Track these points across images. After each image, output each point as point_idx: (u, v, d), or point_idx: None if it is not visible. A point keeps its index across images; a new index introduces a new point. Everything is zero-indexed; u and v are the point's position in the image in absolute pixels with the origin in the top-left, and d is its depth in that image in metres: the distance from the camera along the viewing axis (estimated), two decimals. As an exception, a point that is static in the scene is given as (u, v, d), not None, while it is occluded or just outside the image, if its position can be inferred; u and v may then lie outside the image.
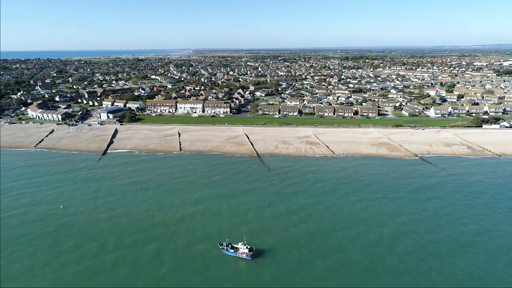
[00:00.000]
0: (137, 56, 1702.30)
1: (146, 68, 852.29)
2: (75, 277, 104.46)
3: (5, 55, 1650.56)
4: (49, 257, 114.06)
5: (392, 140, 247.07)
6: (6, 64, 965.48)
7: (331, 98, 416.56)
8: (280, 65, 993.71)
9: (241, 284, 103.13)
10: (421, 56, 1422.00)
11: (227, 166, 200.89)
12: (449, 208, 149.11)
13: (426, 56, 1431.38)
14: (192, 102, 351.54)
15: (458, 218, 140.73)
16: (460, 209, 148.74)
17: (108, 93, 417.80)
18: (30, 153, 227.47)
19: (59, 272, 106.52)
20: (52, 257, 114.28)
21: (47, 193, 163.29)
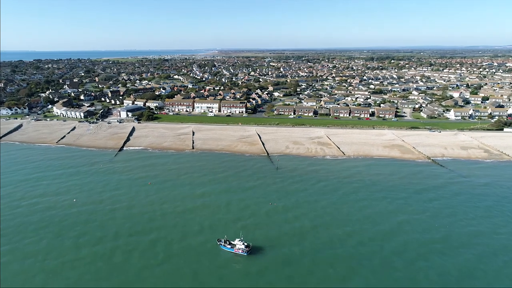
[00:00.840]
0: (163, 56, 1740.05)
1: (170, 68, 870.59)
2: (73, 263, 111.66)
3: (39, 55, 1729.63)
4: (53, 244, 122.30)
5: (405, 142, 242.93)
6: (39, 64, 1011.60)
7: (349, 99, 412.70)
8: (303, 65, 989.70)
9: (228, 277, 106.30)
10: (450, 57, 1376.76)
11: (235, 164, 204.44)
12: (449, 210, 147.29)
13: (456, 57, 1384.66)
14: (209, 101, 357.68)
15: (457, 220, 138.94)
16: (461, 211, 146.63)
17: (130, 92, 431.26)
18: (52, 148, 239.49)
19: (60, 258, 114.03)
20: (56, 244, 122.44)
21: (60, 185, 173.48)
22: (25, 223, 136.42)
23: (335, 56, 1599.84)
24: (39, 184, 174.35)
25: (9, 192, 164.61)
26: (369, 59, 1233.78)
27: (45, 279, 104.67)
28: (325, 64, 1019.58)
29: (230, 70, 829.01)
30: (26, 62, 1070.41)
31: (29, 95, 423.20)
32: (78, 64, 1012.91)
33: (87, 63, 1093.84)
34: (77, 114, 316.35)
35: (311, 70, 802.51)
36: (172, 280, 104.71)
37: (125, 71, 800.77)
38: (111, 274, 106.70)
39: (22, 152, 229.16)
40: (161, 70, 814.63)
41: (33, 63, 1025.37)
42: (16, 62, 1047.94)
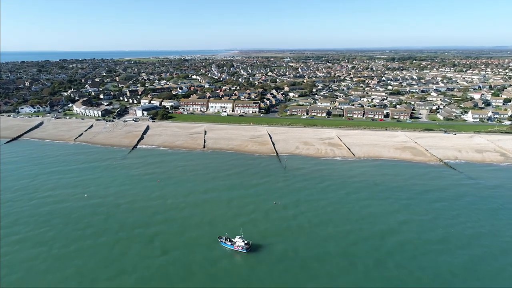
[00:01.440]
0: (184, 56, 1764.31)
1: (189, 68, 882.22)
2: (77, 253, 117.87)
3: (64, 55, 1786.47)
4: (60, 234, 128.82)
5: (418, 144, 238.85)
6: (64, 63, 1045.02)
7: (365, 100, 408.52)
8: (322, 66, 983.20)
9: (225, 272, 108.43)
10: (476, 57, 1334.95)
11: (243, 163, 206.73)
12: (453, 212, 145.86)
13: (482, 57, 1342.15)
14: (223, 101, 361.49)
15: (459, 222, 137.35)
16: (464, 212, 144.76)
17: (148, 92, 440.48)
18: (69, 145, 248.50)
19: (65, 248, 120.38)
20: (63, 234, 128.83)
21: (72, 180, 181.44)
22: (37, 214, 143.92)
23: (356, 56, 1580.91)
24: (53, 179, 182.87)
25: (25, 186, 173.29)
26: (390, 60, 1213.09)
27: (49, 266, 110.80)
28: (344, 65, 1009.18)
29: (248, 70, 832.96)
30: (52, 62, 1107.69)
31: (52, 94, 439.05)
32: (101, 64, 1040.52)
33: (110, 63, 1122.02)
34: (95, 112, 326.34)
35: (329, 71, 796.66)
36: (168, 271, 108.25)
37: (145, 71, 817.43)
38: (111, 264, 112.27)
39: (41, 149, 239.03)
40: (180, 70, 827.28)
41: (59, 63, 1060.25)
42: (42, 62, 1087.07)
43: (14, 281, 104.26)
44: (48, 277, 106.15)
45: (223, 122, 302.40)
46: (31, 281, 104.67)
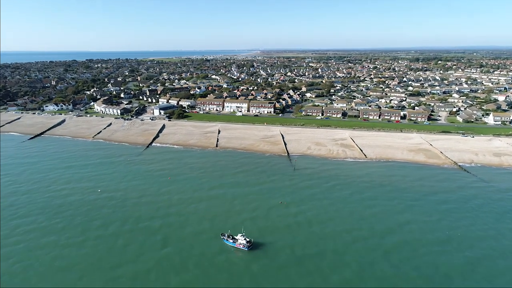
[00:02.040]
0: (206, 56, 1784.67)
1: (209, 68, 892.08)
2: (82, 243, 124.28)
3: (91, 55, 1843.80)
4: (69, 226, 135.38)
5: (433, 146, 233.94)
6: (90, 63, 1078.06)
7: (383, 101, 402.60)
8: (343, 66, 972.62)
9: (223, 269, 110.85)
10: (506, 58, 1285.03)
11: (253, 162, 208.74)
12: (460, 214, 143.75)
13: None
14: (238, 101, 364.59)
15: (465, 224, 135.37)
16: (472, 215, 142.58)
17: (166, 91, 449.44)
18: (88, 142, 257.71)
19: (71, 238, 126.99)
20: (71, 226, 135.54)
21: (85, 175, 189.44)
22: (49, 206, 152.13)
23: (379, 56, 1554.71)
24: (69, 173, 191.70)
25: (43, 179, 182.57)
26: (414, 60, 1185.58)
27: (56, 255, 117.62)
28: (366, 65, 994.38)
29: (267, 70, 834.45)
30: (79, 62, 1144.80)
31: (76, 92, 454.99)
32: (125, 64, 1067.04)
33: (133, 63, 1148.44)
34: (114, 111, 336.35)
35: (349, 71, 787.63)
36: (166, 264, 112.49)
37: (166, 70, 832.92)
38: (113, 254, 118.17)
39: (61, 145, 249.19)
40: (201, 70, 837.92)
41: (85, 63, 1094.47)
42: (69, 62, 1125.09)
43: (24, 267, 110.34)
44: (55, 263, 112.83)
45: (237, 122, 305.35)
46: (39, 268, 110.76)
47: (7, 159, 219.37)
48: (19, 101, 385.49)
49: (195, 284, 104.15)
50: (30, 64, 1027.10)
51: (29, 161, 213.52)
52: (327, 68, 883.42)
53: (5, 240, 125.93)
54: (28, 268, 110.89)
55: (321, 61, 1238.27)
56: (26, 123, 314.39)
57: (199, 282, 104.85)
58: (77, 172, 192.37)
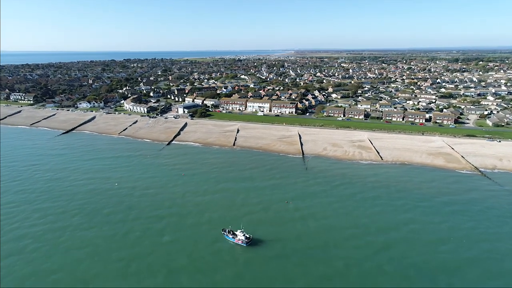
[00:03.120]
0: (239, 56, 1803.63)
1: (240, 68, 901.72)
2: (90, 230, 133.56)
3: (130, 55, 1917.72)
4: (81, 213, 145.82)
5: (455, 150, 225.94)
6: (127, 63, 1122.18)
7: (411, 102, 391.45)
8: (376, 66, 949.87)
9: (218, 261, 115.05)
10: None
11: (266, 162, 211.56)
12: (464, 218, 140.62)
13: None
14: (261, 101, 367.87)
15: (475, 233, 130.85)
16: (484, 223, 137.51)
17: (194, 91, 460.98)
18: (114, 138, 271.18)
19: (82, 225, 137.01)
20: (84, 213, 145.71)
21: (104, 168, 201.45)
22: (67, 194, 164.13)
23: (416, 56, 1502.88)
24: (90, 166, 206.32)
25: (67, 171, 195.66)
26: (453, 61, 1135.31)
27: (67, 238, 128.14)
28: (400, 66, 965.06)
29: (297, 70, 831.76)
30: (117, 61, 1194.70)
31: (109, 91, 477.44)
32: (159, 64, 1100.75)
33: (168, 62, 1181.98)
34: (141, 109, 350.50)
35: (381, 72, 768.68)
36: (170, 256, 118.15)
37: (198, 70, 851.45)
38: (116, 239, 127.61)
39: (88, 140, 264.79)
40: (231, 69, 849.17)
41: (122, 62, 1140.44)
42: (108, 61, 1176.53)
43: (36, 248, 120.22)
44: (65, 244, 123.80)
45: (257, 122, 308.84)
46: (49, 249, 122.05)
47: (39, 150, 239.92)
48: (56, 98, 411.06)
49: (186, 271, 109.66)
50: (72, 64, 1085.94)
51: (57, 153, 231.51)
52: (358, 69, 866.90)
53: (23, 223, 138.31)
54: (40, 248, 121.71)
55: (354, 61, 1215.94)
56: (60, 119, 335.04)
57: (188, 270, 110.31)
58: (98, 165, 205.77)
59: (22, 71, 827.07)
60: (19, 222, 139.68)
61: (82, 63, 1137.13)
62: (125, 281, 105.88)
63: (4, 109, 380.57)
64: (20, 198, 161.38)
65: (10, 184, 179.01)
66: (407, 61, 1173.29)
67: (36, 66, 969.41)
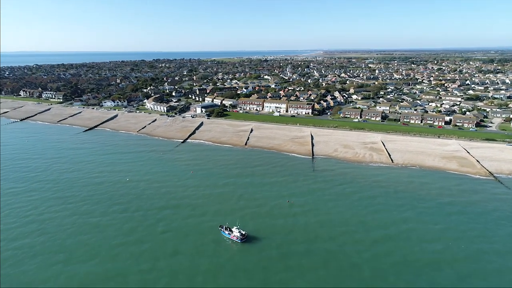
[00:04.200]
0: (266, 56, 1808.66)
1: (264, 68, 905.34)
2: (98, 220, 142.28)
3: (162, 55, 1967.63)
4: (91, 208, 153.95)
5: (470, 154, 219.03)
6: (155, 63, 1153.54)
7: (433, 105, 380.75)
8: (404, 67, 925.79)
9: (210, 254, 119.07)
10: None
11: (274, 161, 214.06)
12: (468, 225, 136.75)
13: None
14: (278, 102, 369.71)
15: (472, 237, 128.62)
16: (483, 228, 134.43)
17: (214, 91, 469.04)
18: (132, 136, 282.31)
19: (90, 218, 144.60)
20: (94, 207, 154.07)
21: (118, 163, 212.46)
22: (81, 189, 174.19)
23: (449, 57, 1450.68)
24: (105, 161, 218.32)
25: (83, 165, 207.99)
26: (488, 61, 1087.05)
27: (75, 230, 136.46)
28: (430, 66, 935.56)
29: (321, 71, 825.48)
30: (146, 62, 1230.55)
31: (134, 90, 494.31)
32: (186, 64, 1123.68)
33: (195, 63, 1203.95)
34: (161, 108, 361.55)
35: (409, 73, 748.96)
36: (166, 245, 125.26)
37: (222, 70, 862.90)
38: (121, 231, 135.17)
39: (108, 137, 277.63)
40: (255, 70, 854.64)
41: (151, 63, 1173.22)
42: (138, 62, 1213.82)
43: (46, 238, 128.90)
44: (74, 233, 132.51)
45: (272, 122, 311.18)
46: (60, 236, 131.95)
47: (62, 144, 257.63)
48: (84, 97, 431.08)
49: (180, 262, 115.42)
50: (104, 64, 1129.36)
51: (78, 147, 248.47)
52: (385, 70, 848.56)
53: (37, 211, 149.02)
54: (53, 237, 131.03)
55: (383, 62, 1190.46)
56: (85, 117, 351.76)
57: (184, 262, 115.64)
58: (113, 161, 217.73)
59: (57, 70, 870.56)
60: (33, 209, 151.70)
61: (113, 63, 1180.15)
62: (116, 263, 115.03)
63: (35, 107, 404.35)
64: (36, 187, 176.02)
65: (29, 174, 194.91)
66: (439, 61, 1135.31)
67: (70, 66, 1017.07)
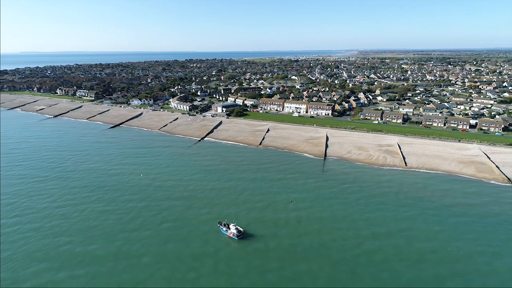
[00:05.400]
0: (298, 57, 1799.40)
1: (293, 69, 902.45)
2: (105, 210, 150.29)
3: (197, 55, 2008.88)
4: (102, 198, 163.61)
5: (491, 160, 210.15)
6: (188, 63, 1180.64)
7: (462, 107, 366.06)
8: (439, 68, 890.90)
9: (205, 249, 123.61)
10: None
11: (284, 161, 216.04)
12: (467, 228, 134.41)
13: None
14: (298, 102, 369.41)
15: (466, 239, 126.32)
16: (486, 235, 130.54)
17: (238, 91, 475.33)
18: (153, 133, 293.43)
19: (100, 207, 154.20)
20: (104, 197, 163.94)
21: (134, 158, 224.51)
22: (97, 181, 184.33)
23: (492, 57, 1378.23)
24: (122, 156, 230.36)
25: (101, 160, 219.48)
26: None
27: (86, 217, 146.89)
28: (468, 67, 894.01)
29: (351, 72, 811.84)
30: (179, 61, 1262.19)
31: (162, 89, 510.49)
32: (217, 64, 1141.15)
33: (225, 63, 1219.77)
34: (184, 107, 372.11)
35: (442, 74, 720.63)
36: (161, 235, 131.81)
37: (251, 70, 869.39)
38: (122, 223, 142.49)
39: (130, 134, 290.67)
40: (283, 70, 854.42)
41: (183, 63, 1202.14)
42: (171, 62, 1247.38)
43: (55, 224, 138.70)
44: (85, 220, 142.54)
45: (289, 122, 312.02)
46: (73, 222, 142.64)
47: (87, 138, 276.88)
48: (113, 95, 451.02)
49: (169, 251, 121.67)
50: (139, 63, 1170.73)
51: (102, 142, 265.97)
52: (418, 71, 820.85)
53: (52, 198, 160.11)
54: (67, 224, 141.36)
55: (418, 62, 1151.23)
56: (112, 114, 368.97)
57: (172, 252, 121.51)
58: (129, 155, 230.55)
59: (94, 70, 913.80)
60: (48, 197, 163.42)
61: (148, 63, 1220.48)
62: (111, 247, 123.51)
63: (68, 104, 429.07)
64: (54, 176, 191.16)
65: (50, 165, 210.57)
66: (478, 62, 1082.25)
67: (107, 66, 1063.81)
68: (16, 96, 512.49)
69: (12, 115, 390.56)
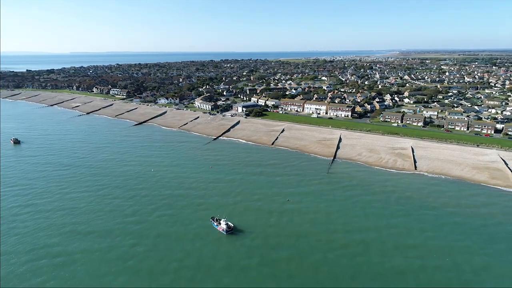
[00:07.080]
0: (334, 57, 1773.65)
1: (325, 69, 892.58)
2: (111, 202, 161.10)
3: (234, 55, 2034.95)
4: (111, 191, 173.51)
5: (508, 167, 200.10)
6: (222, 63, 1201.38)
7: (493, 111, 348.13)
8: (482, 69, 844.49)
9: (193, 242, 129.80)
10: None
11: (290, 161, 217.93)
12: (460, 235, 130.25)
13: None
14: (318, 103, 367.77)
15: (458, 247, 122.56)
16: (476, 239, 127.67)
17: (263, 91, 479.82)
18: (173, 131, 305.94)
19: (105, 200, 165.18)
20: (112, 191, 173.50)
21: (146, 154, 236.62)
22: (108, 175, 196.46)
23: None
24: (138, 151, 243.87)
25: (117, 156, 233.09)
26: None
27: (93, 207, 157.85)
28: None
29: (384, 73, 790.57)
30: (215, 61, 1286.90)
31: (190, 89, 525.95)
32: (250, 64, 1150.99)
33: (259, 63, 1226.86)
34: (206, 106, 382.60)
35: (483, 75, 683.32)
36: (155, 227, 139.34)
37: (282, 71, 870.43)
38: (121, 212, 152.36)
39: (151, 131, 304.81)
40: (314, 71, 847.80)
41: (217, 63, 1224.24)
42: (206, 62, 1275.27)
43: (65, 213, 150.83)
44: (92, 210, 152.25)
45: (306, 123, 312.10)
46: (82, 212, 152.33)
47: (111, 134, 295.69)
48: (143, 94, 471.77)
49: (160, 244, 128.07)
50: (175, 63, 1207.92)
51: (123, 138, 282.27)
52: (457, 72, 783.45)
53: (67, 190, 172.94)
54: (80, 215, 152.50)
55: (460, 63, 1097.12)
56: (139, 112, 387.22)
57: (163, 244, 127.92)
58: (144, 151, 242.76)
59: (133, 69, 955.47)
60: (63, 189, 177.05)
61: (184, 63, 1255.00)
62: (109, 238, 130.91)
63: (101, 102, 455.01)
64: (72, 169, 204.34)
65: (70, 160, 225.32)
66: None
67: (145, 65, 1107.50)
68: (57, 94, 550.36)
69: (50, 111, 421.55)
